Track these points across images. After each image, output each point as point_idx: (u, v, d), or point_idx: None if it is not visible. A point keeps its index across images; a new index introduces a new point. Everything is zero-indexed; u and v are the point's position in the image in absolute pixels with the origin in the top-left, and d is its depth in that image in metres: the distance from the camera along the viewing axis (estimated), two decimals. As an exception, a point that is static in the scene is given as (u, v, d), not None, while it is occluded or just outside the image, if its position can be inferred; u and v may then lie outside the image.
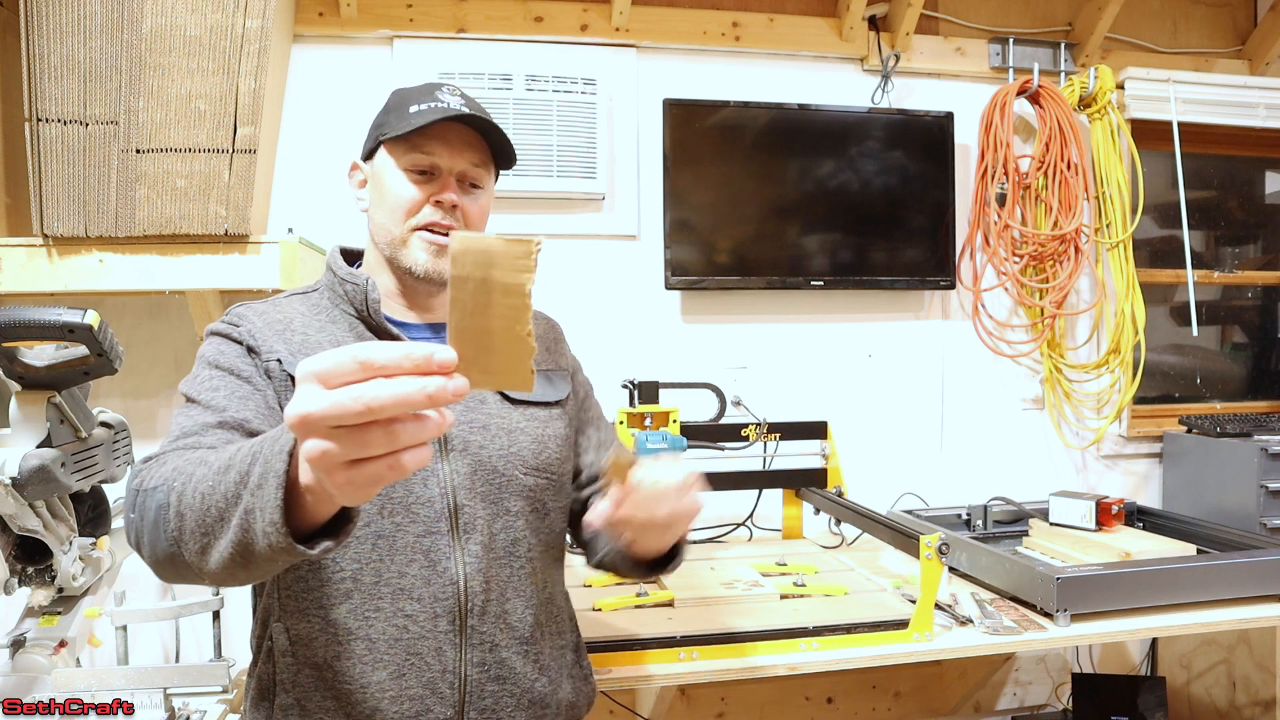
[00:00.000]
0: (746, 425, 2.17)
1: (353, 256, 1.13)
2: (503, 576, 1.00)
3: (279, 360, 0.95)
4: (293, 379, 0.74)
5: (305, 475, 0.59)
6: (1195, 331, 2.62)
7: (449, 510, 0.97)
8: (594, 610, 1.62)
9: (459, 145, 1.01)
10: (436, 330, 1.07)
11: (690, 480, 0.87)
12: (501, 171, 1.10)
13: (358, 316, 1.02)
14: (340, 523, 0.65)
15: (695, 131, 2.32)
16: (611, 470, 0.85)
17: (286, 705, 0.95)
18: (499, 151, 1.05)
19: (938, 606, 1.62)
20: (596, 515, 0.89)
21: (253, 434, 0.88)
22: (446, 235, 1.00)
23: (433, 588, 0.95)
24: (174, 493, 0.73)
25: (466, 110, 0.99)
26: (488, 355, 0.53)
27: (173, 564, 0.74)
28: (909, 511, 2.22)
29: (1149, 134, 2.60)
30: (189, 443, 0.85)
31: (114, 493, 1.49)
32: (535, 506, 1.03)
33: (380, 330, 1.01)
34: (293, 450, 0.60)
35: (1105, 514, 2.05)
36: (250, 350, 0.97)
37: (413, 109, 0.99)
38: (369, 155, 1.06)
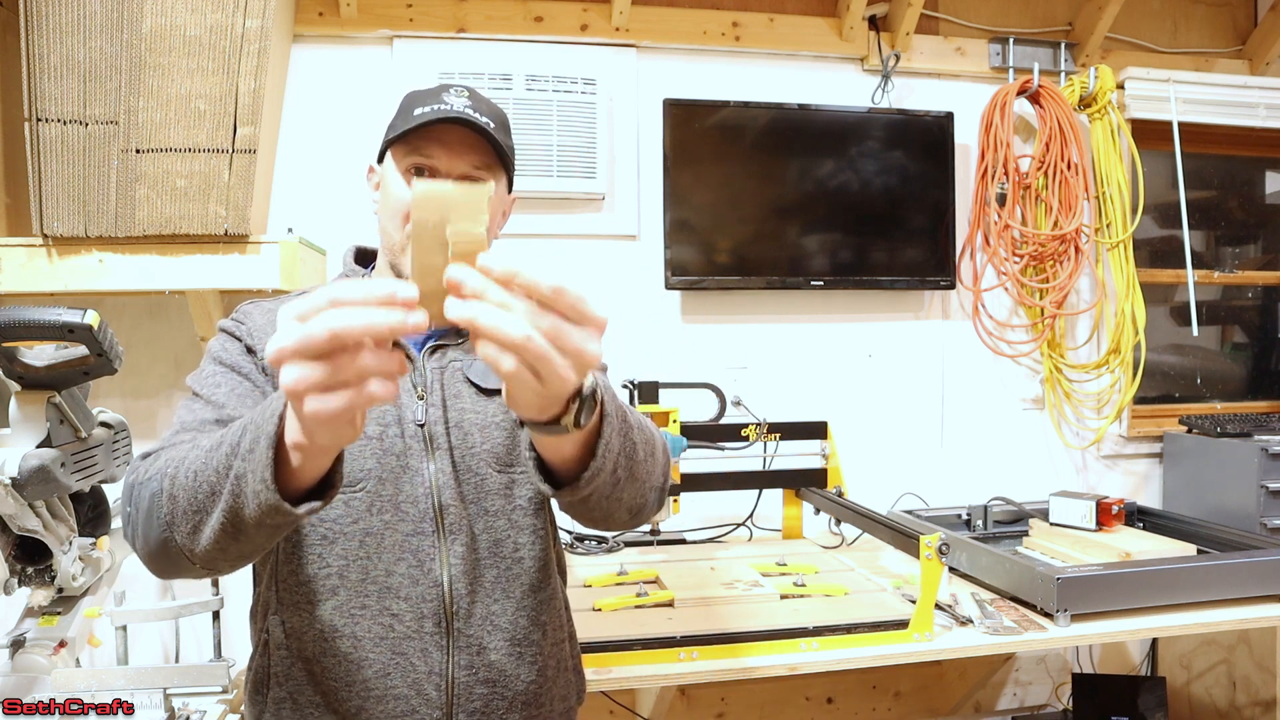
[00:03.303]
0: (746, 425, 2.16)
1: (370, 256, 1.14)
2: (489, 578, 0.99)
3: None
4: None
5: (291, 431, 0.63)
6: (1195, 331, 2.62)
7: (434, 510, 0.97)
8: (594, 610, 1.62)
9: (459, 148, 0.99)
10: (434, 337, 1.07)
11: (563, 291, 0.56)
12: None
13: None
14: (326, 488, 0.69)
15: (695, 131, 2.31)
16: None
17: (280, 699, 0.96)
18: (502, 155, 1.02)
19: (938, 606, 1.62)
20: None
21: None
22: None
23: (419, 588, 0.95)
24: (167, 478, 0.76)
25: (468, 110, 0.97)
26: (446, 293, 0.57)
27: (165, 551, 0.77)
28: (909, 511, 2.22)
29: (1149, 134, 2.60)
30: (186, 437, 0.87)
31: (114, 493, 1.49)
32: (516, 504, 1.02)
33: None
34: (282, 414, 0.64)
35: (1105, 514, 2.05)
36: (249, 349, 0.98)
37: (417, 111, 0.98)
38: (381, 159, 1.06)
